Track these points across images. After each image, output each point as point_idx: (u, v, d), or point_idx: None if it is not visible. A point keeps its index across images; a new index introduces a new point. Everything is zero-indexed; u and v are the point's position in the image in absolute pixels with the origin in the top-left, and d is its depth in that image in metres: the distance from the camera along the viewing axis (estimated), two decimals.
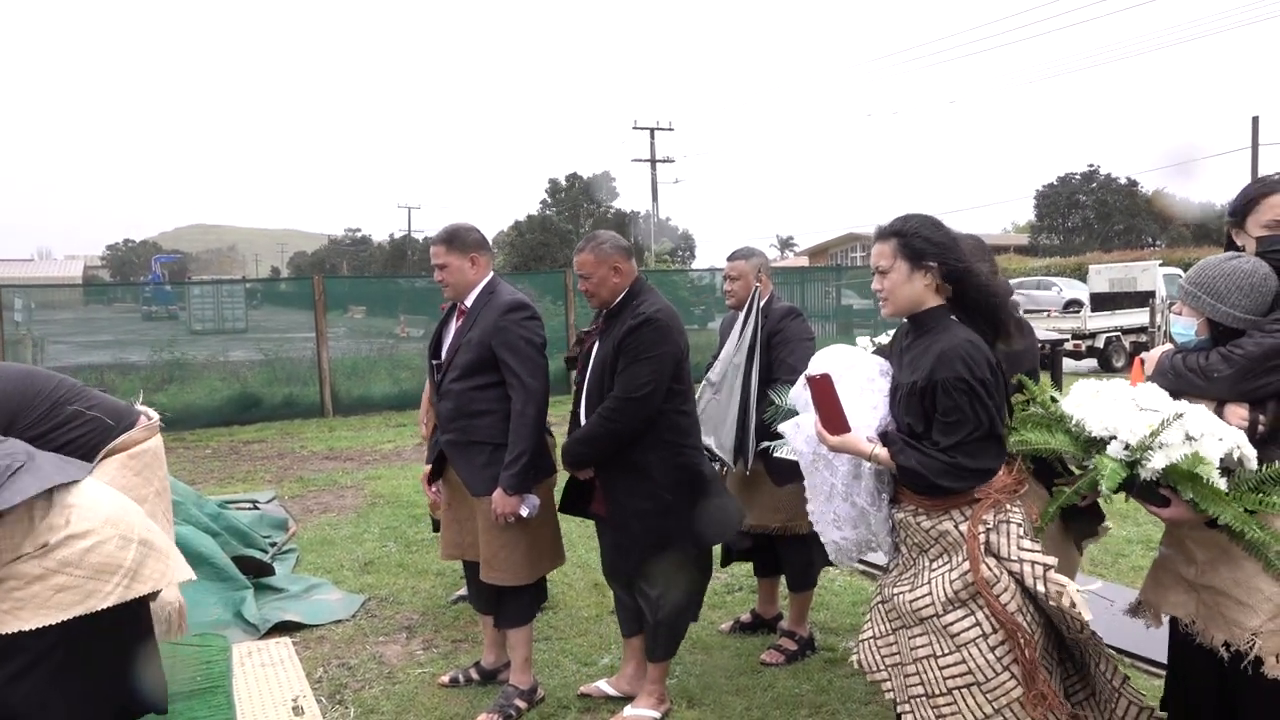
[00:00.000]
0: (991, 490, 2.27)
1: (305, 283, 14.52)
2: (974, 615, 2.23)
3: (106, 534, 2.33)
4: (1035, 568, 2.20)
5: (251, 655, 4.11)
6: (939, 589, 2.27)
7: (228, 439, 10.64)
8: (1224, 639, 2.23)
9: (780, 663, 3.87)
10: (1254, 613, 2.18)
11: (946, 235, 2.35)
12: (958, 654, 2.23)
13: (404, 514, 6.67)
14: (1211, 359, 2.30)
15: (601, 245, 3.30)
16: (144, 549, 2.39)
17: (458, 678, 3.73)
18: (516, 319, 3.30)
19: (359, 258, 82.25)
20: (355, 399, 12.47)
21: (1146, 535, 5.22)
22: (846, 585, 4.86)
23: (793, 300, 16.64)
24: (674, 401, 3.24)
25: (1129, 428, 2.17)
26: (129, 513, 2.44)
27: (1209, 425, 2.14)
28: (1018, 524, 2.26)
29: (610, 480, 3.28)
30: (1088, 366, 16.78)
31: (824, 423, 2.36)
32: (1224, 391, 2.27)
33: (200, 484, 7.70)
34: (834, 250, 51.53)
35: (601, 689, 3.62)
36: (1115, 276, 19.29)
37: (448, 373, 3.39)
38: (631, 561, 3.30)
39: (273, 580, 4.97)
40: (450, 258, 3.38)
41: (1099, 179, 57.31)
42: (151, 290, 25.10)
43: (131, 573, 2.35)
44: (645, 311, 3.20)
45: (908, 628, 2.35)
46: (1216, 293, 2.31)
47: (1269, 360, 2.23)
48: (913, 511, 2.35)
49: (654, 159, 42.18)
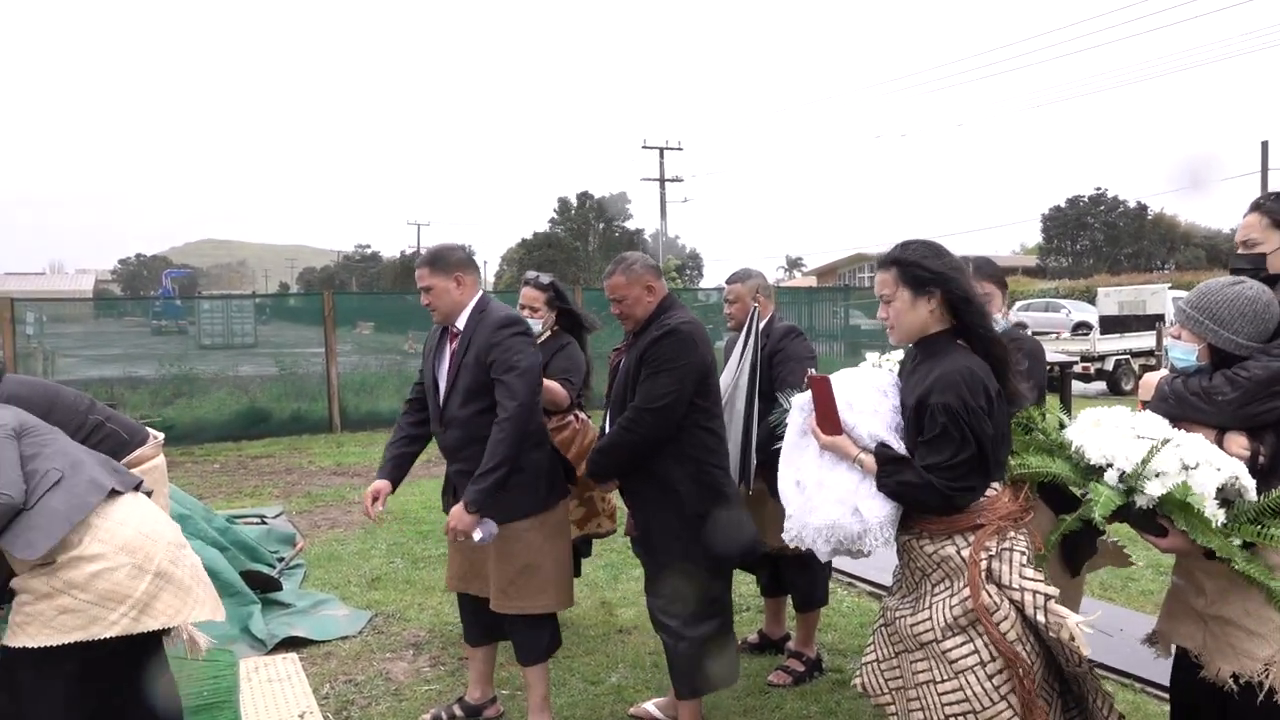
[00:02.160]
0: (995, 516, 2.26)
1: (315, 298, 14.59)
2: (973, 643, 2.22)
3: (118, 561, 2.26)
4: (1036, 597, 2.18)
5: (258, 670, 4.11)
6: (939, 614, 2.26)
7: (236, 454, 10.66)
8: (1232, 670, 2.21)
9: (788, 684, 3.86)
10: (1265, 642, 2.16)
11: (948, 263, 2.34)
12: (955, 680, 2.22)
13: (411, 530, 6.68)
14: (1216, 381, 2.28)
15: (632, 266, 3.27)
16: (160, 581, 2.32)
17: (440, 715, 3.59)
18: (507, 334, 3.21)
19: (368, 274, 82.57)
20: (363, 414, 12.48)
21: (1157, 560, 5.18)
22: (854, 606, 4.84)
23: (800, 320, 16.70)
24: (699, 417, 3.19)
25: (1125, 455, 2.16)
26: (153, 540, 2.35)
27: (1206, 454, 2.13)
28: (1021, 552, 2.25)
29: (637, 496, 3.26)
30: (1096, 389, 16.73)
31: (819, 422, 2.38)
32: (1227, 415, 2.25)
33: (208, 498, 7.72)
34: (842, 270, 51.55)
35: (649, 710, 3.58)
36: (1124, 299, 19.27)
37: (450, 399, 3.29)
38: (658, 581, 3.24)
39: (280, 595, 4.97)
40: (435, 279, 3.27)
41: (1107, 202, 57.33)
42: (161, 304, 25.18)
43: (142, 605, 2.28)
44: (669, 323, 3.19)
45: (909, 652, 2.34)
46: (1219, 319, 2.30)
47: (1273, 385, 2.22)
48: (916, 535, 2.34)
49: (663, 178, 42.34)
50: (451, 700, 3.69)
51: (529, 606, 3.28)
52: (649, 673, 4.03)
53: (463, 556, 3.45)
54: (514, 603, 3.28)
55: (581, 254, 58.59)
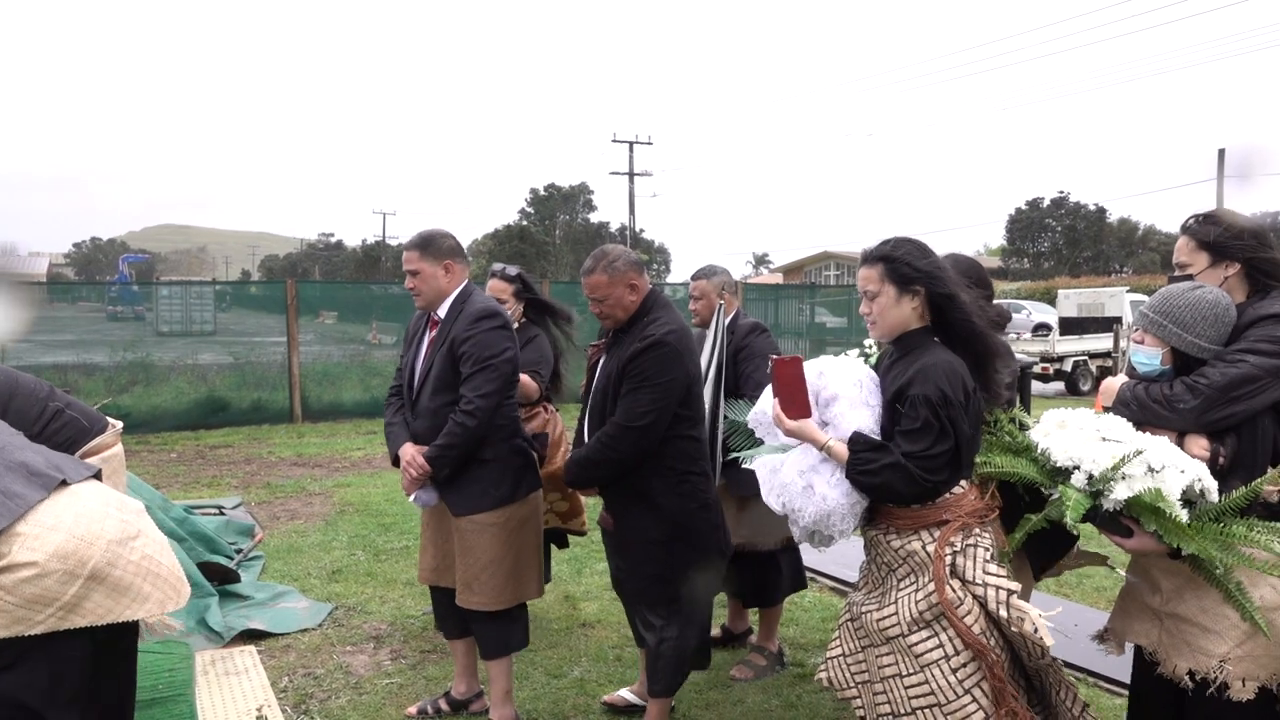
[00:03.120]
0: (961, 513, 2.29)
1: (277, 286, 14.39)
2: (938, 636, 2.24)
3: (50, 568, 2.17)
4: (999, 593, 2.22)
5: (215, 664, 4.05)
6: (905, 609, 2.29)
7: (194, 443, 10.49)
8: (1188, 667, 2.25)
9: (749, 678, 3.88)
10: (1222, 639, 2.21)
11: (933, 262, 2.37)
12: (921, 674, 2.25)
13: (373, 522, 6.61)
14: (1176, 389, 2.33)
15: (615, 264, 3.11)
16: (92, 584, 2.23)
17: (426, 708, 3.56)
18: (484, 327, 3.18)
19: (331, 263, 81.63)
20: (325, 405, 12.34)
21: (1116, 555, 5.29)
22: (816, 601, 4.89)
23: (766, 317, 16.80)
24: (682, 427, 3.10)
25: (1092, 458, 2.19)
26: (88, 543, 2.26)
27: (1171, 457, 2.16)
28: (985, 548, 2.28)
29: (617, 505, 3.20)
30: (1055, 389, 17.03)
31: (783, 406, 2.36)
32: (1189, 422, 2.30)
33: (165, 488, 7.58)
34: (808, 268, 51.93)
35: (625, 697, 3.58)
36: (1083, 301, 19.62)
37: (423, 389, 3.26)
38: (636, 588, 3.22)
39: (238, 587, 4.90)
40: (423, 264, 3.24)
41: (1068, 205, 58.33)
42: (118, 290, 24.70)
43: (69, 606, 2.21)
44: (655, 333, 3.04)
45: (875, 646, 2.36)
46: (1182, 323, 2.34)
47: (1232, 391, 2.27)
48: (883, 530, 2.36)
49: (632, 172, 42.34)
50: (437, 694, 3.66)
51: (491, 602, 3.26)
52: (611, 666, 4.04)
53: (435, 549, 3.42)
54: (476, 598, 3.25)
55: (550, 248, 58.41)
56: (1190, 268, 2.53)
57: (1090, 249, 56.51)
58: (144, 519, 2.45)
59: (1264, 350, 2.30)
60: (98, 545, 2.26)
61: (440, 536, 3.40)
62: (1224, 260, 2.47)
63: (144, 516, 2.47)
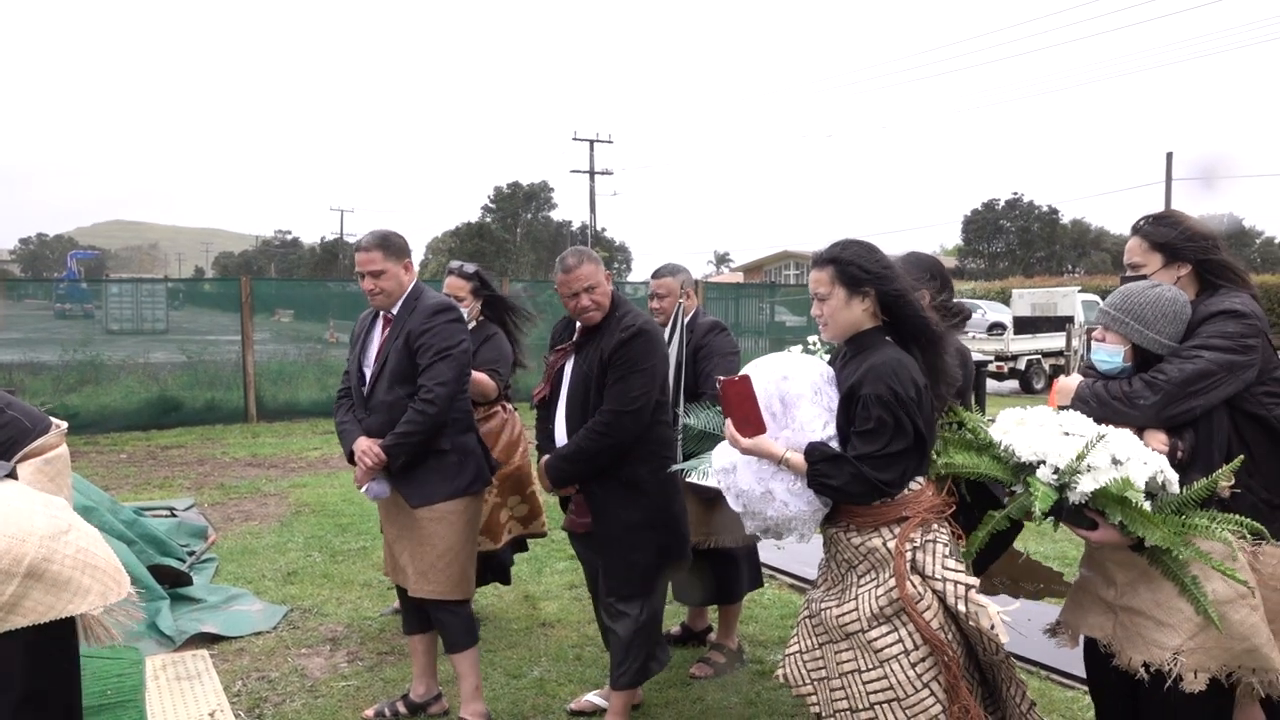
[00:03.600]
0: (920, 509, 2.31)
1: (231, 284, 14.13)
2: (897, 632, 2.26)
3: None
4: (958, 587, 2.24)
5: (166, 668, 3.97)
6: (865, 605, 2.30)
7: (145, 444, 10.27)
8: (1143, 659, 2.29)
9: (709, 675, 3.89)
10: (1175, 632, 2.25)
11: (881, 262, 2.39)
12: (880, 670, 2.26)
13: (330, 523, 6.53)
14: (1136, 386, 2.37)
15: (595, 258, 3.26)
16: (30, 583, 2.18)
17: (383, 711, 3.52)
18: (441, 320, 3.22)
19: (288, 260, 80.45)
20: (281, 404, 12.16)
21: (1062, 552, 5.39)
22: (776, 598, 4.91)
23: (726, 316, 16.87)
24: (660, 413, 3.24)
25: (1058, 452, 2.22)
26: (20, 541, 2.20)
27: (1134, 450, 2.20)
28: (944, 544, 2.31)
29: (601, 495, 3.21)
30: (1009, 387, 17.33)
31: (736, 425, 2.37)
32: (1150, 418, 2.34)
33: (115, 490, 7.42)
34: (768, 267, 52.25)
35: (593, 701, 3.56)
36: (1037, 301, 19.98)
37: (377, 384, 3.28)
38: (627, 577, 3.23)
39: (190, 590, 4.80)
40: (387, 264, 3.26)
41: (1022, 206, 59.40)
42: (66, 287, 24.07)
43: (8, 607, 2.16)
44: (635, 324, 3.17)
45: (834, 643, 2.37)
46: (1144, 319, 2.40)
47: (1190, 386, 2.33)
48: (844, 528, 2.38)
49: (593, 170, 42.27)
50: (395, 696, 3.62)
51: (449, 591, 3.28)
52: (571, 666, 4.02)
53: (398, 544, 3.40)
54: (431, 586, 3.27)
55: (512, 245, 58.16)
56: (1144, 268, 2.58)
57: (1044, 249, 57.62)
58: (71, 513, 2.40)
59: (1218, 346, 2.35)
60: (30, 541, 2.20)
61: (394, 532, 3.39)
62: (1176, 261, 2.53)
63: (70, 511, 2.41)
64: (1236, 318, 2.39)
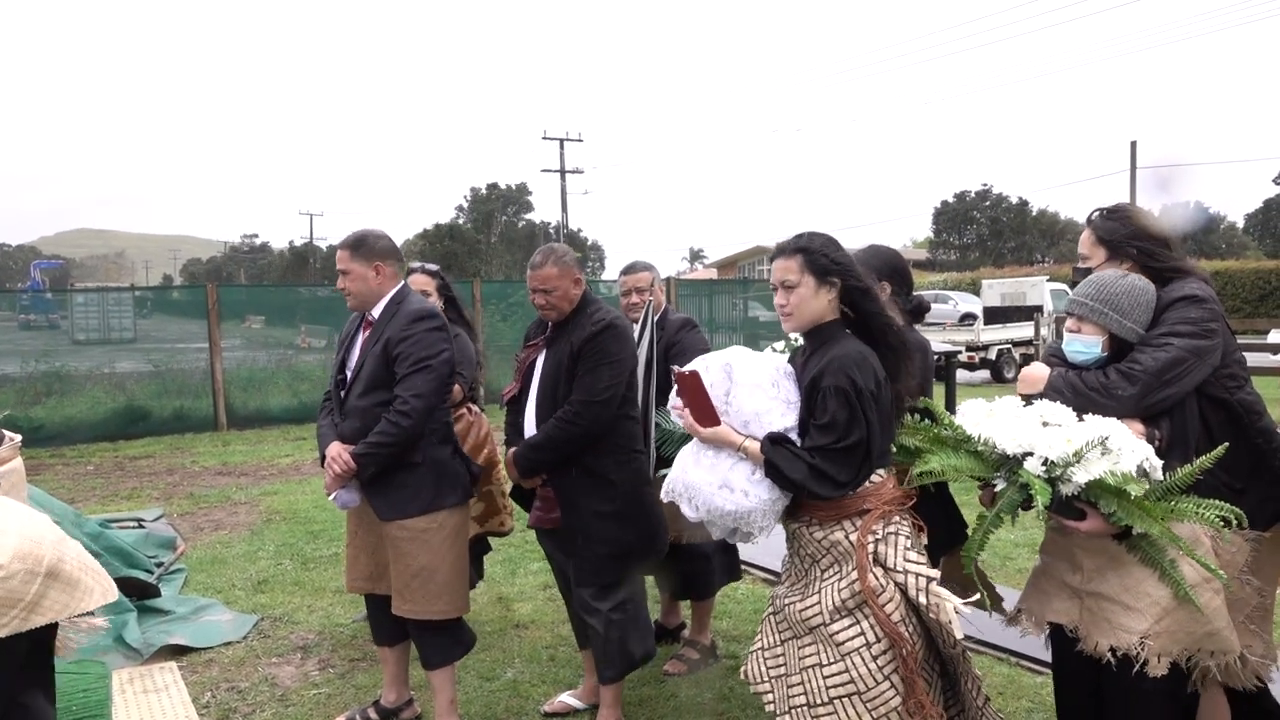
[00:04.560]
0: (881, 502, 2.31)
1: (199, 291, 13.99)
2: (859, 625, 2.26)
3: (14, 569, 2.19)
4: (919, 579, 2.25)
5: (133, 682, 3.91)
6: (828, 598, 2.30)
7: (112, 454, 10.12)
8: (1109, 644, 2.31)
9: (683, 672, 3.90)
10: (1142, 617, 2.28)
11: (846, 255, 2.41)
12: (841, 663, 2.25)
13: (302, 530, 6.47)
14: (1113, 377, 2.37)
15: (563, 259, 3.26)
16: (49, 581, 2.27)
17: (354, 718, 3.48)
18: (421, 328, 3.15)
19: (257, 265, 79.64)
20: (251, 412, 12.04)
21: (1032, 539, 5.45)
22: (749, 594, 4.93)
23: (700, 312, 16.88)
24: (626, 407, 3.27)
25: (1047, 444, 2.20)
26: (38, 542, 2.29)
27: (1123, 439, 2.21)
28: (905, 535, 2.31)
29: (567, 487, 3.22)
30: (980, 378, 17.48)
31: (695, 416, 2.38)
32: (1129, 408, 2.34)
33: (80, 502, 7.31)
34: (742, 263, 52.42)
35: (567, 703, 3.55)
36: (1006, 291, 20.19)
37: (352, 389, 3.23)
38: (597, 570, 3.23)
39: (158, 602, 4.74)
40: (354, 264, 3.21)
41: (991, 197, 59.98)
42: (29, 298, 23.66)
43: (31, 606, 2.23)
44: (604, 318, 3.22)
45: (798, 638, 2.36)
46: (1120, 309, 2.40)
47: (1166, 374, 2.35)
48: (806, 522, 2.38)
49: (563, 169, 42.18)
50: (366, 703, 3.58)
51: (425, 611, 3.20)
52: (545, 667, 4.01)
53: (368, 557, 3.35)
54: (409, 605, 3.19)
55: (484, 246, 57.90)
56: (1089, 260, 2.61)
57: (1014, 240, 58.22)
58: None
59: (1184, 332, 2.38)
60: (45, 543, 2.30)
61: (372, 542, 3.32)
62: (1118, 258, 2.56)
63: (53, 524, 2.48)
64: (1197, 303, 2.42)
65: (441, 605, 3.22)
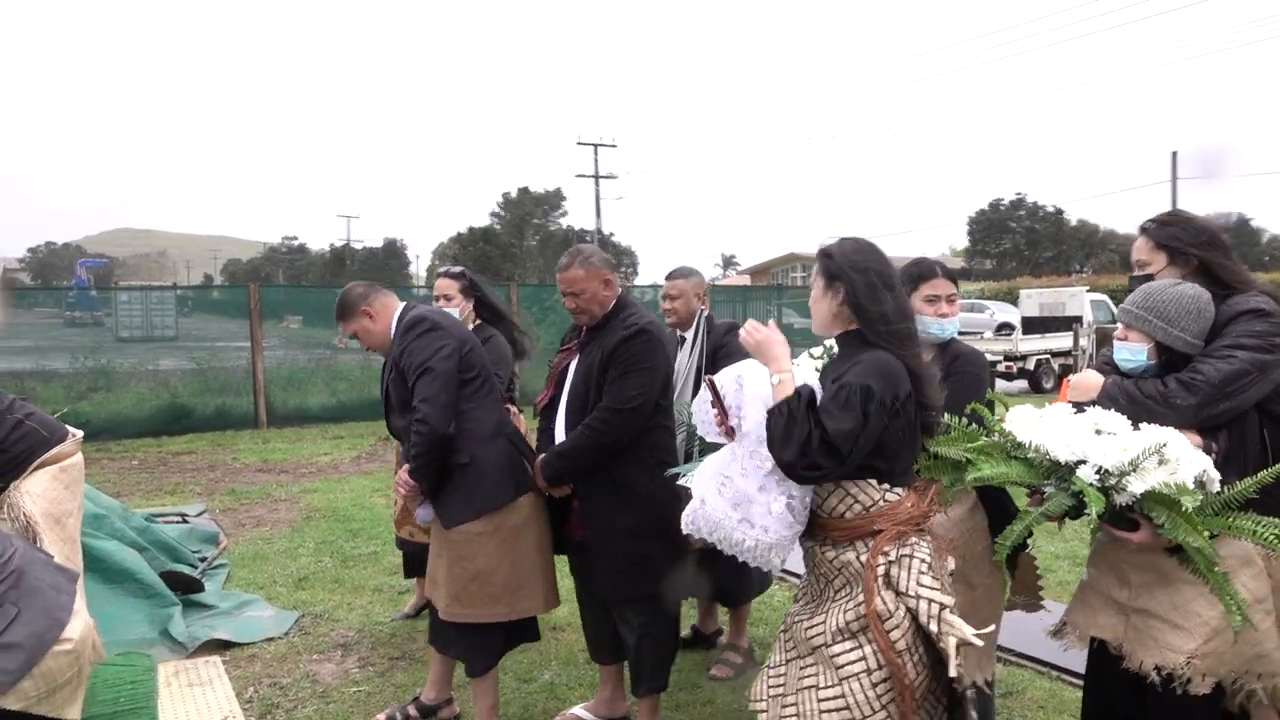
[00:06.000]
0: (894, 522, 2.19)
1: (240, 290, 14.23)
2: (862, 649, 2.15)
3: (78, 649, 2.31)
4: (931, 605, 2.12)
5: (179, 675, 3.99)
6: (833, 619, 2.21)
7: (156, 450, 10.31)
8: (1155, 663, 2.26)
9: (729, 676, 3.90)
10: (1190, 636, 2.23)
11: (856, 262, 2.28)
12: (839, 687, 2.15)
13: (341, 528, 6.55)
14: (1172, 386, 2.34)
15: (590, 259, 3.19)
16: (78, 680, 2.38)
17: (394, 716, 3.50)
18: (411, 338, 3.19)
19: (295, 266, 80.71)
20: (291, 410, 12.22)
21: (1073, 551, 5.38)
22: (785, 601, 4.91)
23: (733, 319, 16.84)
24: (659, 417, 3.17)
25: (1101, 452, 2.16)
26: (91, 628, 2.40)
27: (1182, 450, 2.15)
28: (922, 559, 2.18)
29: (593, 498, 3.18)
30: (1018, 387, 17.27)
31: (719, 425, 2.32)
32: (1187, 419, 2.30)
33: (126, 496, 7.46)
34: (775, 269, 52.22)
35: (578, 715, 3.52)
36: (1045, 301, 19.92)
37: (391, 412, 3.33)
38: (619, 583, 3.18)
39: (202, 597, 4.82)
40: (351, 325, 3.34)
41: (1027, 206, 59.24)
42: (75, 295, 24.18)
43: (49, 691, 2.33)
44: (638, 323, 3.13)
45: (801, 658, 2.28)
46: (1167, 317, 2.38)
47: (1228, 386, 2.31)
48: (820, 541, 2.29)
49: (597, 175, 42.32)
50: (406, 701, 3.62)
51: (479, 615, 3.18)
52: (582, 670, 4.03)
53: (433, 562, 3.35)
54: (465, 610, 3.17)
55: (519, 250, 58.24)
56: (1150, 266, 2.58)
57: (1050, 249, 57.45)
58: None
59: (1249, 345, 2.34)
60: (90, 635, 2.39)
61: (436, 549, 3.33)
62: (1181, 259, 2.53)
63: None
64: (1263, 317, 2.38)
65: (498, 609, 3.19)
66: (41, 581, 2.27)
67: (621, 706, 3.49)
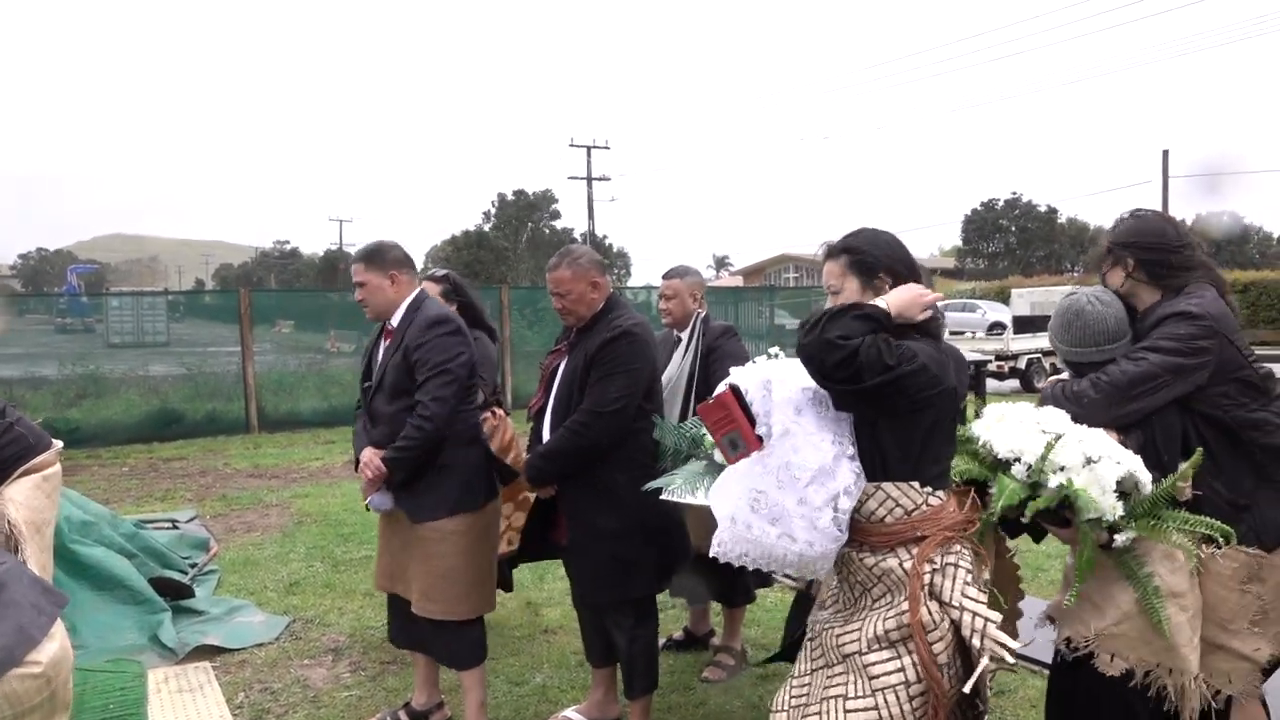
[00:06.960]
0: (939, 528, 2.10)
1: (231, 295, 14.19)
2: (900, 660, 2.03)
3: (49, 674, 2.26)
4: (976, 619, 2.03)
5: (168, 681, 3.97)
6: (870, 626, 2.09)
7: (146, 456, 10.27)
8: (1067, 634, 2.42)
9: (722, 678, 3.89)
10: (1102, 616, 2.36)
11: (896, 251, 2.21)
12: (871, 699, 2.02)
13: (332, 533, 6.53)
14: (1082, 386, 2.44)
15: (578, 260, 3.20)
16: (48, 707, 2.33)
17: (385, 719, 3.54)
18: (437, 334, 3.18)
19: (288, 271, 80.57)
20: (283, 415, 12.17)
21: (1064, 551, 5.37)
22: (777, 601, 4.91)
23: (727, 320, 16.86)
24: (643, 420, 3.11)
25: (1032, 450, 2.21)
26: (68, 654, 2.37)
27: (1107, 448, 2.21)
28: (966, 569, 2.09)
29: (576, 501, 3.18)
30: (1010, 386, 17.31)
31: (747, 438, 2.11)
32: (1095, 418, 2.36)
33: (116, 503, 7.42)
34: (768, 270, 52.27)
35: (570, 718, 3.51)
36: (1036, 300, 20.02)
37: (377, 395, 3.28)
38: (602, 586, 3.19)
39: (192, 603, 4.80)
40: (369, 275, 3.26)
41: (1020, 206, 59.44)
42: (66, 301, 24.13)
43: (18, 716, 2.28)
44: (621, 325, 3.12)
45: (829, 666, 2.16)
46: (1052, 335, 2.64)
47: (1134, 389, 2.37)
48: (857, 546, 2.16)
49: (590, 177, 42.34)
50: (397, 705, 3.61)
51: (450, 612, 3.22)
52: (574, 673, 4.02)
53: (390, 556, 3.39)
54: (434, 606, 3.22)
55: (511, 254, 58.18)
56: (1101, 266, 2.67)
57: (1043, 248, 57.64)
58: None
59: (1164, 348, 2.38)
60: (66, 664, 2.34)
61: (395, 544, 3.36)
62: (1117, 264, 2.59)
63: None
64: (1189, 320, 2.40)
65: (465, 606, 3.25)
66: (23, 599, 2.24)
67: (614, 709, 3.49)
